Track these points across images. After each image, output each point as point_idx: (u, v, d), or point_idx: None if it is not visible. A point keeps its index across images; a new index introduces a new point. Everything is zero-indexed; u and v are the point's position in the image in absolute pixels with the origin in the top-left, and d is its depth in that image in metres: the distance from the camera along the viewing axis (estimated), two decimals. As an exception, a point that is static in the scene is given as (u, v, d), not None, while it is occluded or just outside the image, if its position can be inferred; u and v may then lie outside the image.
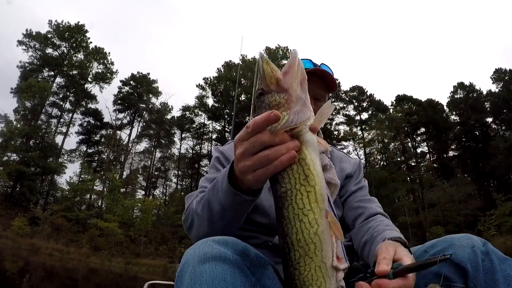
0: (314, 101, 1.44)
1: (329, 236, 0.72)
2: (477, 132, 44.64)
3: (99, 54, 47.56)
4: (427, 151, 47.50)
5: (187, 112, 51.09)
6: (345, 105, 49.23)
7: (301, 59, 1.29)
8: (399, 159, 45.50)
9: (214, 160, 1.55)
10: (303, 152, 0.73)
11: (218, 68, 50.51)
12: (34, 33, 43.72)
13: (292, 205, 0.71)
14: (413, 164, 45.54)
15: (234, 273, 0.79)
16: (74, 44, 46.21)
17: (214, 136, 49.95)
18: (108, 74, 48.26)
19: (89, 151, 48.79)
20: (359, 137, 46.81)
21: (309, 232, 0.70)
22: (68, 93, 46.32)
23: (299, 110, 0.75)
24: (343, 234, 0.74)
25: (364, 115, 48.77)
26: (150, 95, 51.06)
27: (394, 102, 49.39)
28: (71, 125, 45.96)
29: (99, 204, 41.04)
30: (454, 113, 47.56)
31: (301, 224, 0.70)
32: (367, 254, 1.26)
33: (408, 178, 42.43)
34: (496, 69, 44.96)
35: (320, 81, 1.48)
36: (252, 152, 0.76)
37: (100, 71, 48.15)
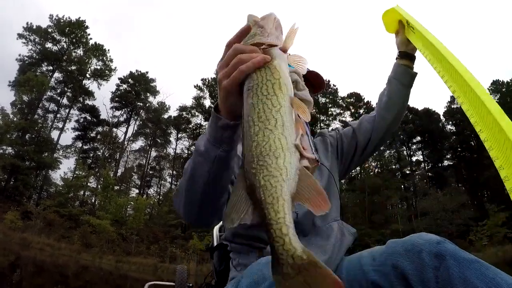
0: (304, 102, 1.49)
1: (292, 119, 0.72)
2: (472, 143, 44.81)
3: (99, 51, 47.48)
4: (422, 159, 47.72)
5: (184, 112, 51.07)
6: (342, 111, 49.41)
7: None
8: (393, 166, 45.67)
9: None
10: (272, 61, 0.77)
11: (216, 70, 50.44)
12: (34, 27, 43.64)
13: (257, 93, 0.73)
14: (407, 172, 45.72)
15: None
16: (74, 40, 46.14)
17: (210, 138, 49.86)
18: (106, 71, 48.16)
19: (85, 147, 48.61)
20: (355, 143, 46.90)
21: (271, 111, 0.70)
22: (65, 89, 46.19)
23: (272, 36, 0.82)
24: (309, 115, 0.77)
25: (361, 122, 48.83)
26: (148, 94, 51.04)
27: (391, 110, 49.58)
28: (68, 120, 45.94)
29: (92, 201, 40.96)
30: (450, 123, 47.78)
31: (263, 105, 0.71)
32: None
33: (402, 186, 42.58)
34: (493, 80, 45.24)
35: (308, 83, 1.56)
36: (230, 61, 0.82)
37: (98, 67, 48.09)
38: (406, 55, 1.74)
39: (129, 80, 50.64)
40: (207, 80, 50.22)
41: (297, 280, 0.61)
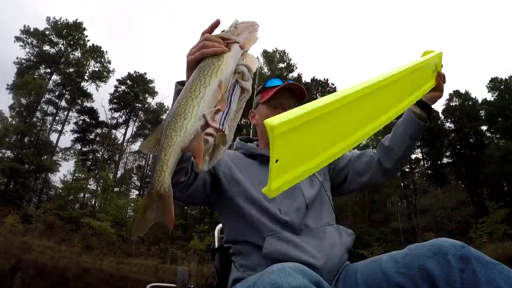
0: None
1: (215, 97, 0.92)
2: (471, 140, 44.84)
3: (96, 53, 47.42)
4: (421, 157, 47.71)
5: (183, 113, 50.94)
6: (340, 110, 49.32)
7: (272, 79, 1.76)
8: (393, 164, 45.63)
9: None
10: (226, 52, 0.98)
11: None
12: (31, 30, 43.61)
13: (201, 71, 0.94)
14: (407, 170, 45.72)
15: None
16: (72, 42, 46.06)
17: (209, 138, 49.87)
18: (104, 73, 48.07)
19: (84, 149, 48.46)
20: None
21: (201, 86, 0.91)
22: (64, 91, 46.08)
23: (239, 36, 1.02)
24: (225, 103, 0.95)
25: (359, 120, 48.87)
26: (146, 95, 50.95)
27: (390, 108, 49.65)
28: (66, 123, 45.78)
29: (92, 203, 40.92)
30: (449, 120, 47.78)
31: (199, 81, 0.92)
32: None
33: (402, 184, 42.58)
34: (492, 78, 45.20)
35: (291, 94, 1.70)
36: (199, 44, 1.01)
37: (97, 69, 47.99)
38: (424, 105, 1.64)
39: (128, 81, 50.55)
40: (205, 80, 50.15)
41: (155, 202, 0.95)
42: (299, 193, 1.53)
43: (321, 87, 49.92)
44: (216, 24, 1.04)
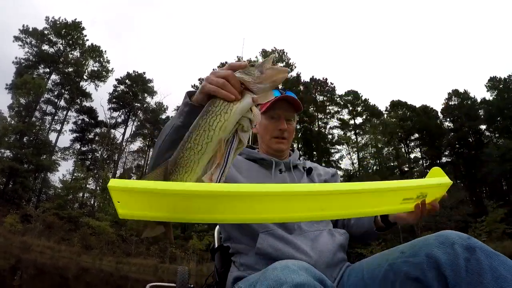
0: (286, 122, 1.75)
1: (214, 151, 0.99)
2: (470, 139, 44.91)
3: (95, 52, 47.44)
4: (420, 156, 47.75)
5: (182, 112, 50.92)
6: (339, 109, 49.34)
7: None
8: (392, 164, 45.67)
9: None
10: (236, 103, 1.00)
11: (213, 69, 50.44)
12: (30, 29, 43.57)
13: (207, 120, 0.98)
14: (406, 169, 45.72)
15: None
16: (71, 42, 46.05)
17: (207, 137, 49.86)
18: (103, 72, 48.09)
19: (83, 149, 48.45)
20: (353, 141, 47.00)
21: (204, 140, 0.97)
22: (63, 91, 46.08)
23: (259, 85, 1.02)
24: (223, 157, 0.99)
25: (359, 120, 49.01)
26: (145, 95, 50.92)
27: (389, 107, 49.70)
28: (65, 122, 45.75)
29: (92, 202, 40.91)
30: (448, 119, 47.82)
31: (203, 132, 0.97)
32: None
33: (401, 183, 42.57)
34: (490, 77, 45.28)
35: (290, 105, 1.76)
36: (220, 76, 1.03)
37: (95, 69, 48.01)
38: (388, 223, 1.61)
39: (126, 81, 50.52)
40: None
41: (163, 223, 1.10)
42: None
43: (320, 87, 49.92)
44: (243, 66, 1.05)
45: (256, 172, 1.66)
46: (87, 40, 47.21)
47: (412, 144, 48.19)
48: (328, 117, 49.08)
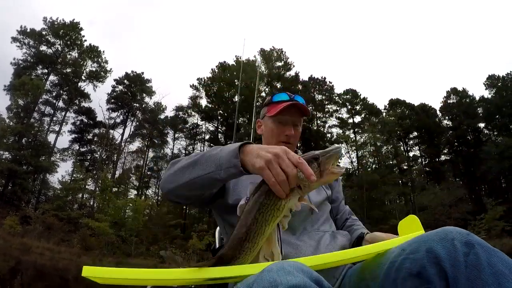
0: (294, 127, 1.76)
1: (266, 239, 1.05)
2: (469, 137, 45.02)
3: (93, 53, 47.32)
4: (419, 155, 47.86)
5: (181, 112, 50.85)
6: (338, 108, 49.40)
7: (279, 93, 1.82)
8: (391, 162, 45.74)
9: None
10: (287, 199, 1.04)
11: (212, 69, 50.32)
12: (28, 30, 43.48)
13: (263, 214, 1.03)
14: (405, 167, 45.82)
15: None
16: (69, 42, 45.95)
17: (207, 137, 49.84)
18: (102, 73, 47.98)
19: (82, 150, 48.39)
20: (352, 140, 47.04)
21: (259, 235, 1.02)
22: (61, 91, 45.95)
23: (311, 185, 1.04)
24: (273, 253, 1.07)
25: (357, 118, 49.08)
26: (144, 95, 50.77)
27: (387, 106, 49.83)
28: (64, 123, 45.62)
29: (91, 203, 40.86)
30: (446, 118, 47.93)
31: (259, 229, 1.02)
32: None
33: (400, 182, 42.68)
34: (489, 75, 45.45)
35: (298, 111, 1.76)
36: (284, 167, 1.01)
37: (94, 69, 47.89)
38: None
39: (125, 81, 50.47)
40: (203, 80, 50.05)
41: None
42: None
43: (319, 85, 49.97)
44: (312, 180, 1.02)
45: None
46: (85, 40, 47.08)
47: (411, 142, 48.34)
48: (327, 116, 49.14)
